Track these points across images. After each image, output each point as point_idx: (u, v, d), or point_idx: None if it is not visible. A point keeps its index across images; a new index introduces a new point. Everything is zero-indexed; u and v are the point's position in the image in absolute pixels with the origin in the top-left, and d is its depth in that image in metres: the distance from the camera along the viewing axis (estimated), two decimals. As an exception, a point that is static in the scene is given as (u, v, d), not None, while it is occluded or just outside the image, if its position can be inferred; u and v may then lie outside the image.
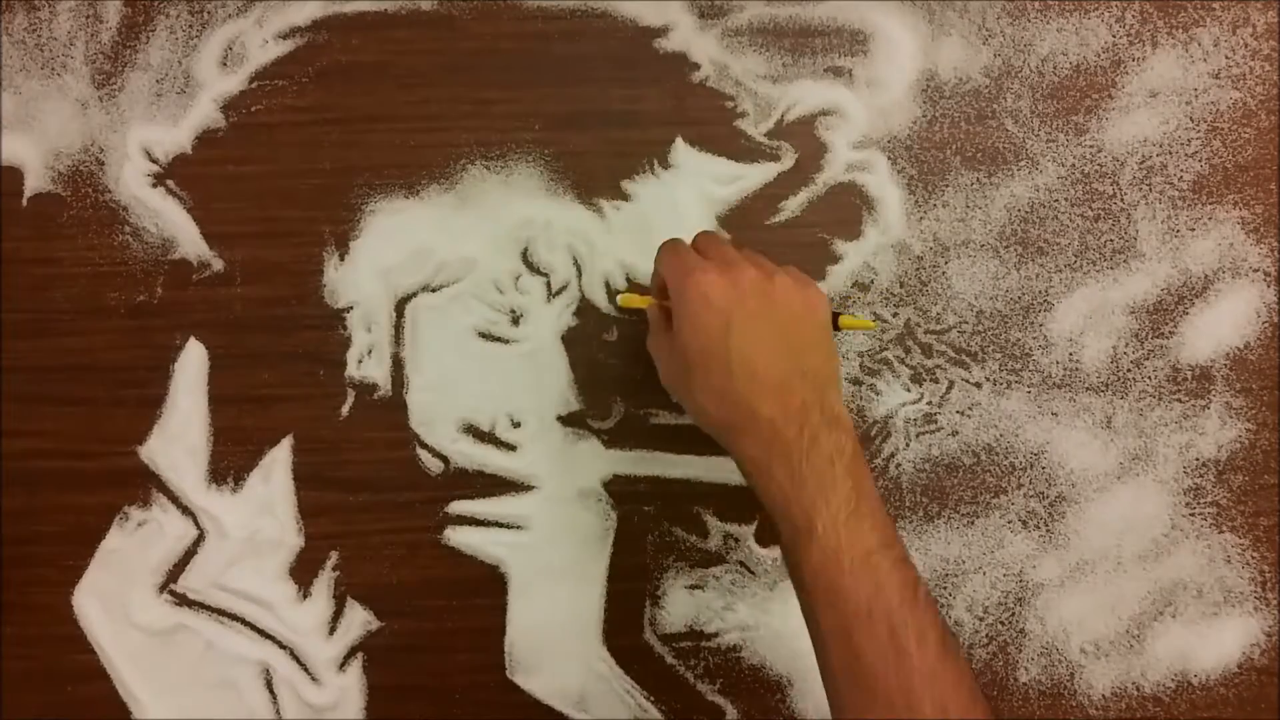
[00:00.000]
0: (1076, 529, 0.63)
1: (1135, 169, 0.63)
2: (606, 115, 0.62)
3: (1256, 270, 0.63)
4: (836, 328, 0.55)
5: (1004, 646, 0.62)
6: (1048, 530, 0.63)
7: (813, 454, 0.48)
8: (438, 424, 0.61)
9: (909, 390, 0.63)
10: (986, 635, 0.62)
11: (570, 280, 0.62)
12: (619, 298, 0.59)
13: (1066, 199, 0.63)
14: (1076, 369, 0.63)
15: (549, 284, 0.62)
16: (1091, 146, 0.63)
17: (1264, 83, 0.63)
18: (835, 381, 0.52)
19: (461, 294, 0.61)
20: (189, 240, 0.61)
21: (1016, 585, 0.62)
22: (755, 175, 0.62)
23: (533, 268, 0.62)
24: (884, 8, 0.63)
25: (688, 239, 0.56)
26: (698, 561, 0.62)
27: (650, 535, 0.62)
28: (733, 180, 0.62)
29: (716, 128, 0.62)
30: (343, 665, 0.61)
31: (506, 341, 0.61)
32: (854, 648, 0.46)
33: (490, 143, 0.62)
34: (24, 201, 0.61)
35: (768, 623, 0.62)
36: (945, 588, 0.62)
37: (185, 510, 0.61)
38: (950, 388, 0.63)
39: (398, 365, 0.61)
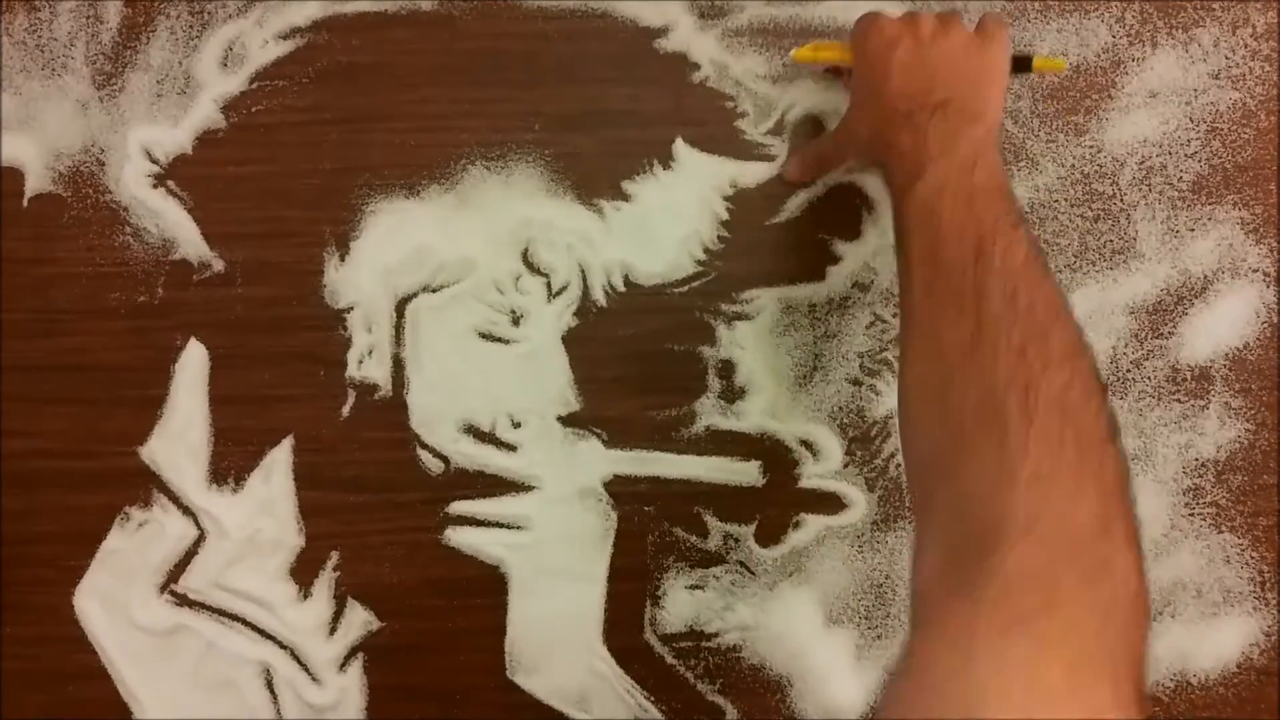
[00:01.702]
0: (1076, 529, 0.63)
1: (1135, 169, 0.63)
2: (606, 115, 0.62)
3: (1256, 270, 0.63)
4: (1030, 69, 0.58)
5: (1004, 646, 0.62)
6: (1047, 530, 0.63)
7: (940, 126, 0.49)
8: (438, 424, 0.61)
9: (909, 390, 0.62)
10: (986, 635, 0.62)
11: (570, 280, 0.62)
12: (794, 52, 0.60)
13: (1066, 199, 0.63)
14: (1076, 369, 0.63)
15: (549, 284, 0.62)
16: (1091, 147, 0.63)
17: (1263, 83, 0.63)
18: (987, 96, 0.52)
19: (462, 294, 0.61)
20: (189, 241, 0.61)
21: (1016, 585, 0.62)
22: (755, 175, 0.62)
23: (533, 268, 0.62)
24: (884, 8, 0.63)
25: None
26: (698, 561, 0.62)
27: (650, 535, 0.62)
28: (733, 180, 0.62)
29: (716, 128, 0.62)
30: (343, 665, 0.61)
31: (507, 342, 0.61)
32: (938, 259, 0.45)
33: (490, 143, 0.62)
34: (24, 202, 0.61)
35: (768, 623, 0.62)
36: (945, 588, 0.62)
37: (186, 510, 0.61)
38: (950, 388, 0.63)
39: (398, 366, 0.61)
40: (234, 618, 0.61)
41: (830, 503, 0.62)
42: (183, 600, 0.61)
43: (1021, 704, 0.30)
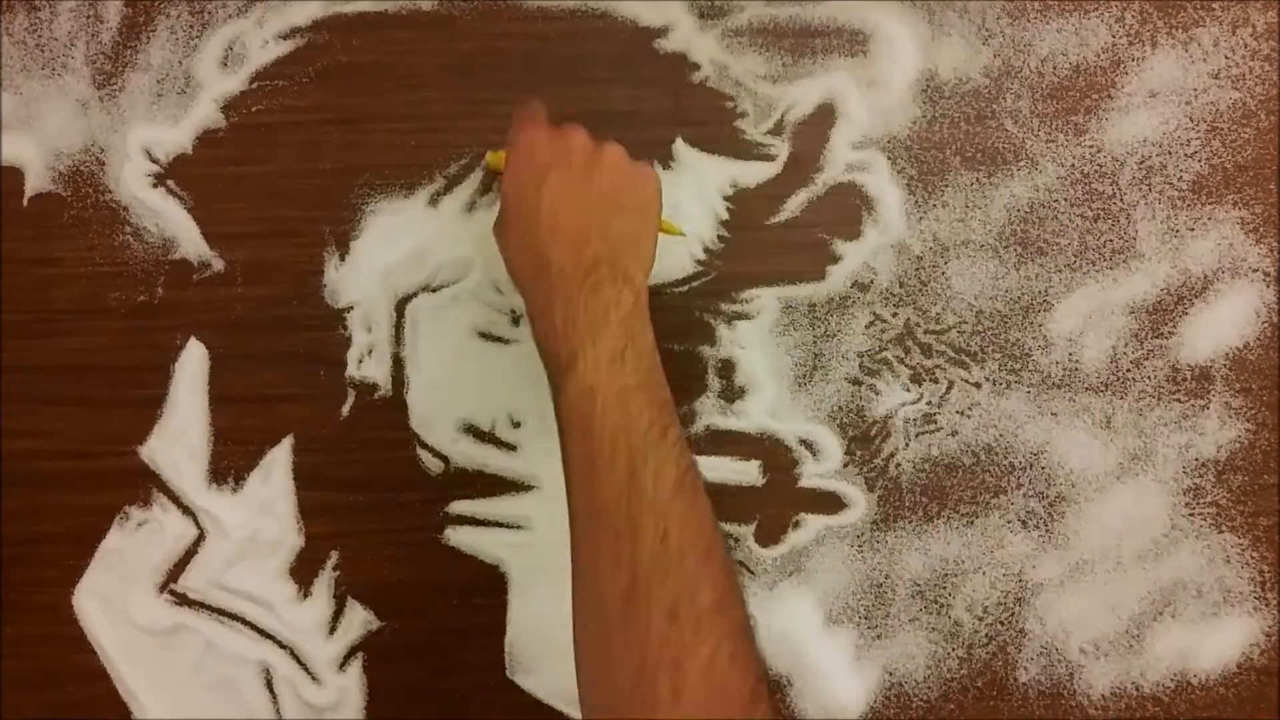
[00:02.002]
0: (1076, 529, 0.63)
1: (1135, 169, 0.63)
2: (607, 115, 0.62)
3: (1256, 270, 0.63)
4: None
5: (1003, 646, 0.62)
6: (1047, 530, 0.63)
7: (591, 301, 0.48)
8: (438, 424, 0.61)
9: (908, 390, 0.63)
10: (986, 635, 0.62)
11: (570, 280, 0.61)
12: (489, 155, 0.60)
13: (1066, 199, 0.63)
14: (1076, 369, 0.63)
15: (549, 284, 0.62)
16: (1091, 147, 0.63)
17: (1263, 83, 0.63)
18: (638, 248, 0.51)
19: (461, 294, 0.61)
20: (190, 240, 0.61)
21: (1016, 585, 0.62)
22: (755, 175, 0.62)
23: (533, 268, 0.62)
24: (884, 8, 0.63)
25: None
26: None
27: (650, 535, 0.62)
28: (733, 180, 0.62)
29: (716, 128, 0.62)
30: (343, 665, 0.61)
31: (506, 341, 0.61)
32: (593, 481, 0.45)
33: (490, 143, 0.62)
34: (25, 202, 0.61)
35: (768, 623, 0.62)
36: (945, 588, 0.62)
37: (185, 510, 0.61)
38: (950, 388, 0.63)
39: (398, 365, 0.61)
40: (234, 617, 0.61)
41: (830, 502, 0.62)
42: (182, 600, 0.61)
43: None
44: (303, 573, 0.61)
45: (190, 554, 0.61)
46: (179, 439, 0.61)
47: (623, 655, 0.42)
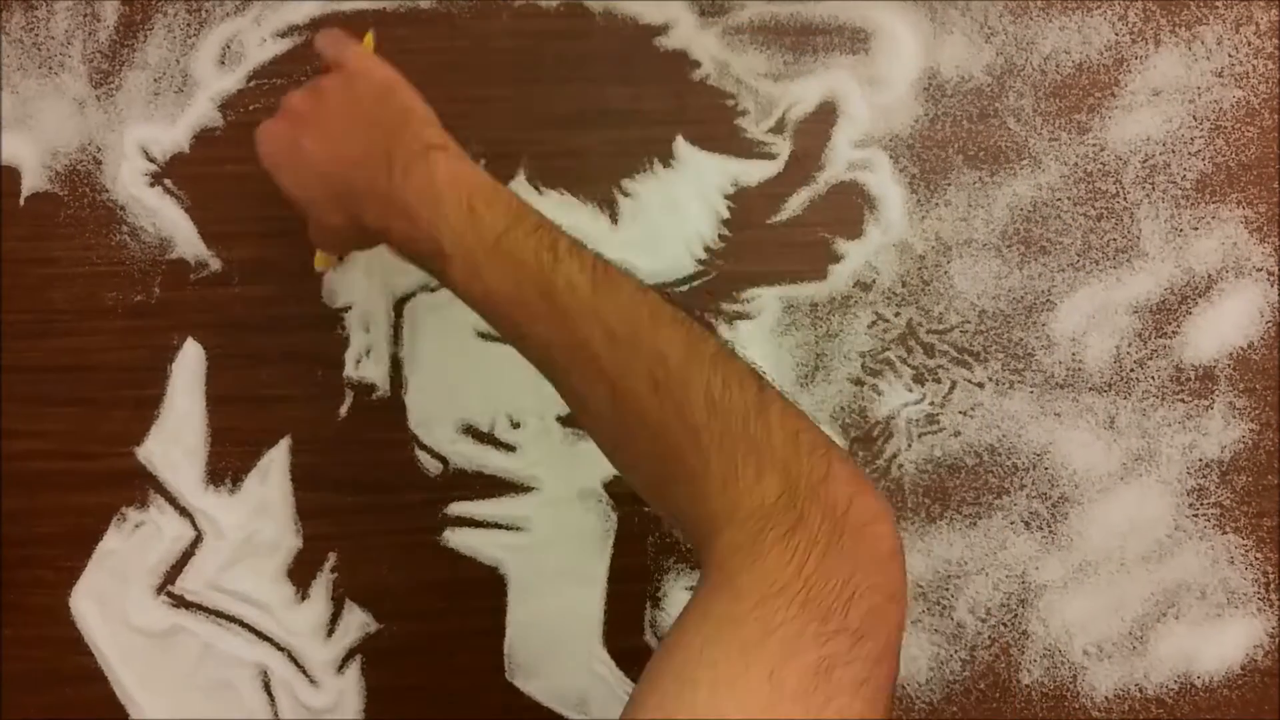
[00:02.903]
0: (1079, 530, 0.62)
1: (1138, 168, 0.63)
2: (607, 114, 0.62)
3: (1260, 270, 0.63)
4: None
5: (1006, 648, 0.62)
6: (1050, 531, 0.62)
7: (408, 185, 0.47)
8: (437, 424, 0.61)
9: (911, 390, 0.62)
10: (989, 637, 0.62)
11: (570, 280, 0.61)
12: (317, 259, 0.58)
13: (1069, 198, 0.63)
14: (1079, 369, 0.63)
15: (548, 284, 0.61)
16: (1094, 145, 0.63)
17: (1267, 81, 0.63)
18: (411, 120, 0.50)
19: (460, 294, 0.61)
20: (187, 240, 0.61)
21: (1019, 586, 0.62)
22: (756, 173, 0.62)
23: (532, 267, 0.61)
24: (886, 6, 0.62)
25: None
26: (698, 562, 0.61)
27: (651, 536, 0.62)
28: (734, 179, 0.62)
29: (717, 126, 0.62)
30: (341, 667, 0.61)
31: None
32: (526, 329, 0.46)
33: (490, 141, 0.61)
34: (21, 201, 0.61)
35: (769, 624, 0.62)
36: (947, 589, 0.62)
37: (183, 511, 0.61)
38: (952, 388, 0.62)
39: (396, 365, 0.61)
40: (231, 619, 0.61)
41: (832, 503, 0.62)
42: (179, 602, 0.61)
43: (711, 633, 0.39)
44: (300, 574, 0.61)
45: (187, 555, 0.61)
46: (176, 440, 0.61)
47: (637, 437, 0.44)
